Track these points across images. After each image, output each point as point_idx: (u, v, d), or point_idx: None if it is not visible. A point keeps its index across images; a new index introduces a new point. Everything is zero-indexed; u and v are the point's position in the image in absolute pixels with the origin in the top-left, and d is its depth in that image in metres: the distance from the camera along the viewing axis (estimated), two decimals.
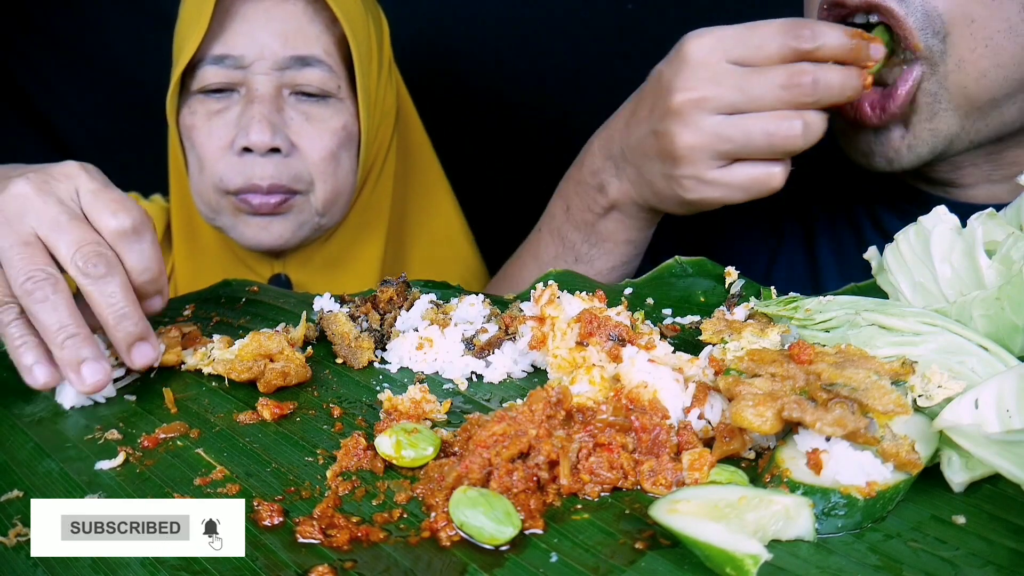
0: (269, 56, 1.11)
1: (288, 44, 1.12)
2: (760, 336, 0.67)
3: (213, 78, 1.12)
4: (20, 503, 0.58)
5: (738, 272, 0.86)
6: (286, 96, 1.14)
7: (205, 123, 1.14)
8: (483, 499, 0.53)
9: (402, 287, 0.83)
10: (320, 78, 1.13)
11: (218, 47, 1.11)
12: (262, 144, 1.10)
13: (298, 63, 1.12)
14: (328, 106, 1.15)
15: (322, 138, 1.14)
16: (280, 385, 0.71)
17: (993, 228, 0.67)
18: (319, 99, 1.15)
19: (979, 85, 0.85)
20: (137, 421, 0.67)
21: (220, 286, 0.96)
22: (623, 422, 0.59)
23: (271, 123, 1.10)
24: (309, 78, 1.13)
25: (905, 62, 0.86)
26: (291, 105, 1.14)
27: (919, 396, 0.59)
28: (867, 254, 0.76)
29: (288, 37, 1.12)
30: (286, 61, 1.12)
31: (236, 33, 1.11)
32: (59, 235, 0.69)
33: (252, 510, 0.56)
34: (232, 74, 1.12)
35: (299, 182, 1.14)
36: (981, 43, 0.83)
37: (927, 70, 0.85)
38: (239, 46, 1.11)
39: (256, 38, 1.11)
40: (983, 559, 0.49)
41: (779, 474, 0.54)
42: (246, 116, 1.11)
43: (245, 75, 1.12)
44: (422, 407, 0.65)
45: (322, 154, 1.14)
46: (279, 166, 1.12)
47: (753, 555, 0.46)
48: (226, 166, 1.12)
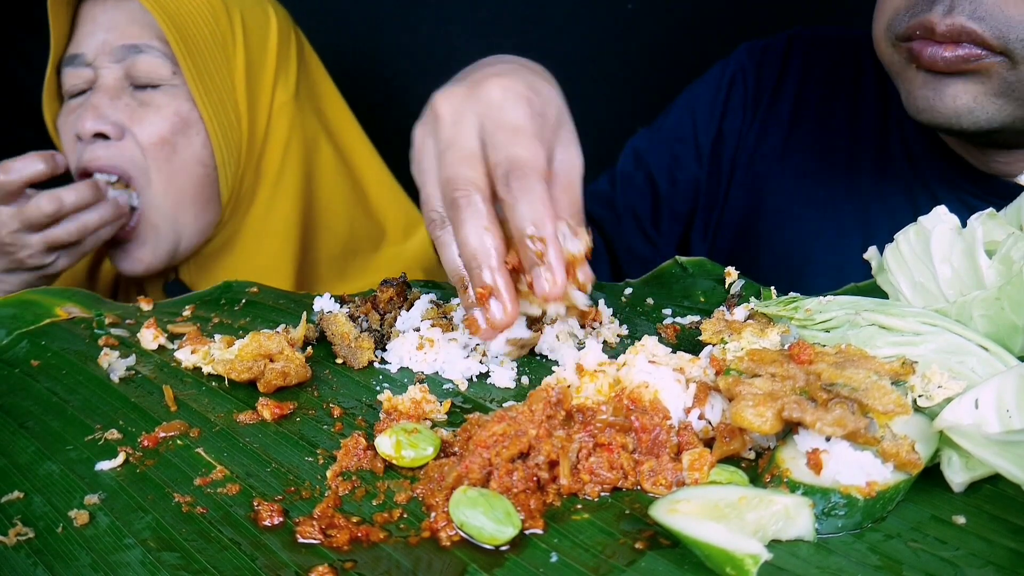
0: (107, 49, 1.16)
1: (121, 35, 1.16)
2: (760, 336, 0.67)
3: (71, 80, 1.19)
4: (20, 503, 0.58)
5: (738, 272, 0.86)
6: (127, 87, 1.17)
7: (65, 123, 1.20)
8: (483, 499, 0.53)
9: (402, 287, 0.83)
10: (150, 63, 1.16)
11: (71, 48, 1.19)
12: (85, 131, 1.14)
13: (132, 52, 1.16)
14: (164, 92, 1.18)
15: (152, 123, 1.16)
16: (280, 385, 0.71)
17: (993, 228, 0.67)
18: (156, 87, 1.18)
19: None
20: (137, 420, 0.67)
21: (220, 288, 0.96)
22: (623, 422, 0.59)
23: (96, 109, 1.14)
24: (141, 65, 1.16)
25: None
26: (129, 94, 1.17)
27: (919, 396, 0.59)
28: (867, 254, 0.76)
29: (121, 29, 1.16)
30: (121, 51, 1.16)
31: (82, 33, 1.18)
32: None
33: (252, 510, 0.56)
34: (84, 73, 1.17)
35: (133, 167, 1.16)
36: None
37: (1005, 62, 0.88)
38: (84, 44, 1.17)
39: (95, 34, 1.17)
40: (983, 559, 0.49)
41: (779, 474, 0.54)
42: (80, 108, 1.17)
43: (95, 72, 1.17)
44: (422, 407, 0.65)
45: (152, 139, 1.16)
46: (109, 151, 1.15)
47: (753, 555, 0.46)
48: (75, 157, 1.17)
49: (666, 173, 1.23)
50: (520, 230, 0.66)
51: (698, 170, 1.24)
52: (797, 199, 1.16)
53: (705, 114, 1.24)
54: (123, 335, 0.82)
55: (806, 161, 1.17)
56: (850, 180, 1.13)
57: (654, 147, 1.25)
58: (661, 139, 1.25)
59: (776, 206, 1.18)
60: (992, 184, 1.02)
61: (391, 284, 0.83)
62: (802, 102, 1.20)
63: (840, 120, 1.17)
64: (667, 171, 1.23)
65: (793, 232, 1.16)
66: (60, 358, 0.78)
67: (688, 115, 1.25)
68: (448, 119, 0.71)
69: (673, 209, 1.24)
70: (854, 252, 1.11)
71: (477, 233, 0.66)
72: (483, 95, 0.71)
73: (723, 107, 1.23)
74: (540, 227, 0.65)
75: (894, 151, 1.11)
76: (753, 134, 1.21)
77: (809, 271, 1.13)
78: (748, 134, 1.21)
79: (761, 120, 1.21)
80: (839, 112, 1.18)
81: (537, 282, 0.65)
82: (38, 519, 0.56)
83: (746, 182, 1.21)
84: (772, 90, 1.22)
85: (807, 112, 1.19)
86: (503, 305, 0.66)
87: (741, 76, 1.23)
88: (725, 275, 0.87)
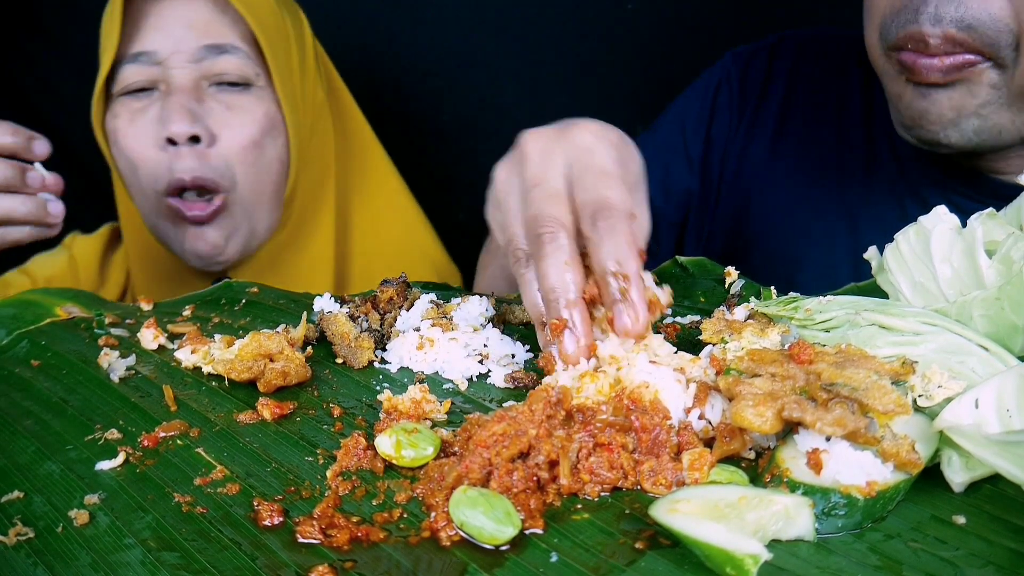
0: (184, 48, 1.12)
1: (201, 34, 1.13)
2: (760, 336, 0.67)
3: (132, 77, 1.14)
4: (20, 503, 0.58)
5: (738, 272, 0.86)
6: (206, 87, 1.15)
7: (128, 124, 1.15)
8: (483, 499, 0.53)
9: (402, 287, 0.83)
10: (237, 65, 1.14)
11: (134, 46, 1.13)
12: (181, 133, 1.11)
13: (213, 52, 1.13)
14: (249, 94, 1.16)
15: (244, 126, 1.15)
16: (280, 385, 0.71)
17: (993, 228, 0.67)
18: (240, 88, 1.15)
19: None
20: (137, 420, 0.67)
21: (220, 288, 0.96)
22: (623, 422, 0.59)
23: (190, 111, 1.11)
24: (225, 66, 1.14)
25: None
26: (211, 96, 1.15)
27: (919, 396, 0.59)
28: (867, 254, 0.76)
29: (200, 28, 1.13)
30: (201, 52, 1.13)
31: (150, 30, 1.13)
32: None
33: (252, 510, 0.56)
34: (150, 71, 1.13)
35: (222, 177, 1.14)
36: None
37: (994, 67, 0.88)
38: (153, 42, 1.13)
39: (169, 32, 1.13)
40: (983, 559, 0.49)
41: (779, 474, 0.54)
42: (166, 109, 1.12)
43: (163, 71, 1.13)
44: (422, 407, 0.65)
45: (243, 143, 1.15)
46: (201, 159, 1.12)
47: (753, 555, 0.46)
48: (155, 164, 1.13)
49: (660, 187, 1.23)
50: (603, 266, 0.65)
51: (690, 179, 1.24)
52: (785, 202, 1.16)
53: (693, 123, 1.24)
54: (123, 335, 0.82)
55: (794, 164, 1.17)
56: (838, 182, 1.13)
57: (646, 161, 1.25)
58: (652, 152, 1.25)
59: (765, 210, 1.18)
60: (981, 184, 1.02)
61: (391, 284, 0.83)
62: (789, 105, 1.20)
63: (827, 122, 1.17)
64: (660, 185, 1.23)
65: (782, 236, 1.16)
66: (60, 358, 0.78)
67: (677, 125, 1.25)
68: (536, 158, 0.72)
69: (668, 221, 1.25)
70: (843, 255, 1.11)
71: (558, 268, 0.66)
72: (573, 137, 0.72)
73: (710, 115, 1.23)
74: (624, 264, 0.65)
75: (881, 153, 1.11)
76: (740, 139, 1.21)
77: (798, 274, 1.13)
78: (736, 139, 1.22)
79: (748, 125, 1.21)
80: (826, 114, 1.17)
81: (619, 318, 0.65)
82: (38, 519, 0.56)
83: (735, 187, 1.21)
84: (758, 95, 1.22)
85: (794, 115, 1.19)
86: (576, 338, 0.65)
87: (727, 83, 1.23)
88: (725, 275, 0.87)
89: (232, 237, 1.18)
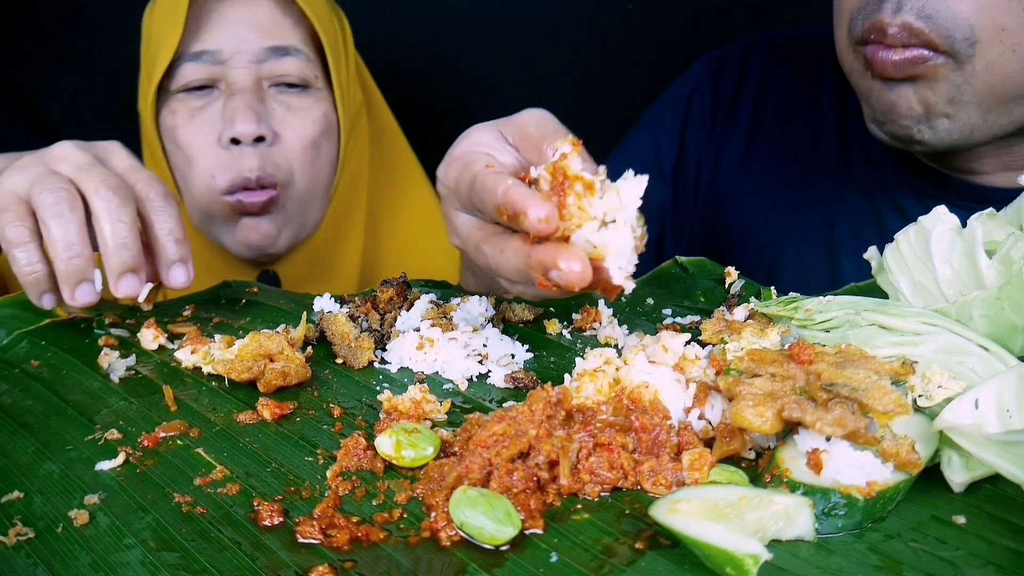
0: (247, 49, 1.13)
1: (264, 36, 1.14)
2: (760, 336, 0.67)
3: (193, 75, 1.14)
4: (20, 503, 0.58)
5: (738, 272, 0.86)
6: (266, 88, 1.16)
7: (188, 121, 1.15)
8: (483, 499, 0.53)
9: (402, 287, 0.83)
10: (299, 67, 1.16)
11: (195, 44, 1.13)
12: (248, 133, 1.11)
13: (276, 54, 1.14)
14: (308, 95, 1.17)
15: (304, 126, 1.16)
16: (280, 385, 0.71)
17: (993, 228, 0.67)
18: (299, 89, 1.17)
19: (1005, 86, 0.88)
20: (137, 420, 0.67)
21: (220, 287, 0.96)
22: (623, 422, 0.59)
23: (255, 112, 1.12)
24: (288, 68, 1.15)
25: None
26: (272, 96, 1.16)
27: (919, 396, 0.59)
28: (867, 254, 0.76)
29: (263, 29, 1.14)
30: (263, 53, 1.14)
31: (212, 29, 1.14)
32: (88, 173, 0.76)
33: (252, 510, 0.56)
34: (211, 70, 1.14)
35: (282, 172, 1.15)
36: (1009, 48, 0.87)
37: (951, 63, 0.88)
38: (216, 41, 1.13)
39: (233, 33, 1.13)
40: (983, 559, 0.49)
41: (779, 474, 0.54)
42: (229, 108, 1.13)
43: (224, 70, 1.14)
44: (422, 407, 0.65)
45: (304, 143, 1.16)
46: (264, 157, 1.13)
47: (753, 555, 0.46)
48: (215, 162, 1.14)
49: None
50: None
51: (663, 192, 1.24)
52: (761, 207, 1.15)
53: (667, 134, 1.24)
54: (123, 335, 0.82)
55: (768, 169, 1.16)
56: (812, 187, 1.12)
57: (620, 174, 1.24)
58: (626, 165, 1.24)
59: (741, 215, 1.17)
60: (953, 186, 1.01)
61: (391, 284, 0.83)
62: (761, 110, 1.19)
63: (800, 125, 1.16)
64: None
65: (758, 241, 1.15)
66: (60, 358, 0.78)
67: (650, 137, 1.25)
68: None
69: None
70: (819, 260, 1.10)
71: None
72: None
73: (683, 125, 1.23)
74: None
75: (854, 155, 1.10)
76: (714, 147, 1.20)
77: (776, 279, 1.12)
78: (709, 148, 1.21)
79: (721, 132, 1.20)
80: (799, 117, 1.17)
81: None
82: (38, 519, 0.56)
83: (711, 194, 1.20)
84: (730, 101, 1.21)
85: (767, 120, 1.18)
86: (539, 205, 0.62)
87: (699, 91, 1.23)
88: (725, 275, 0.87)
89: (284, 230, 1.20)
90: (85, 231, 0.76)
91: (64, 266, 0.74)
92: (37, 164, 0.78)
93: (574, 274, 0.60)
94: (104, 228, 0.75)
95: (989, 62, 0.87)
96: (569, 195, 0.61)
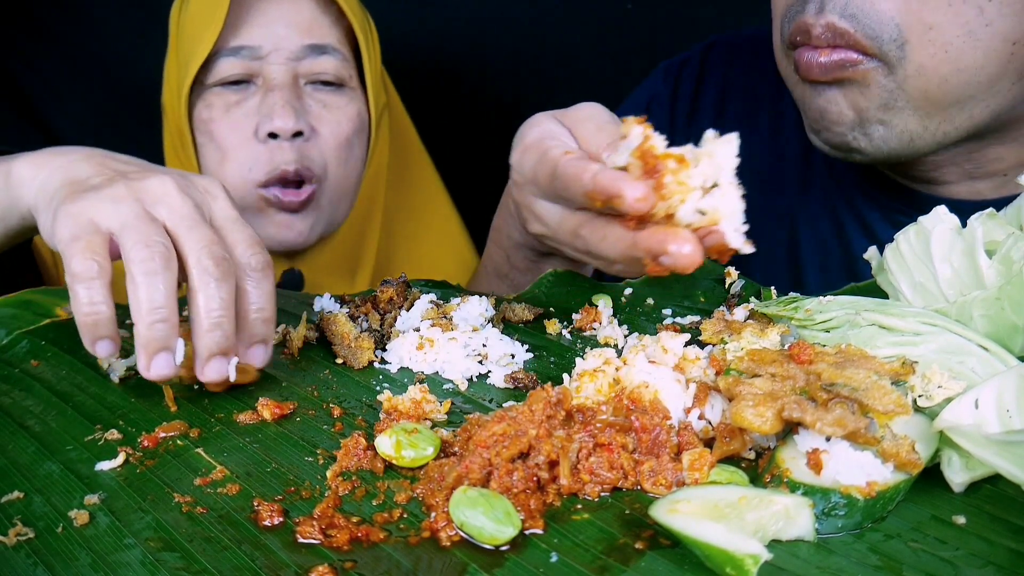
0: (285, 46, 1.15)
1: (303, 34, 1.15)
2: (760, 336, 0.67)
3: (231, 69, 1.15)
4: (20, 503, 0.58)
5: (738, 272, 0.86)
6: (302, 85, 1.17)
7: (224, 115, 1.16)
8: (483, 499, 0.53)
9: (402, 287, 0.83)
10: (335, 66, 1.17)
11: (235, 40, 1.15)
12: (287, 128, 1.13)
13: (314, 52, 1.16)
14: (343, 94, 1.19)
15: (340, 124, 1.18)
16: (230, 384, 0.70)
17: (993, 228, 0.67)
18: (334, 87, 1.19)
19: (941, 90, 0.84)
20: (137, 420, 0.67)
21: None
22: (623, 422, 0.59)
23: (294, 108, 1.14)
24: (325, 66, 1.17)
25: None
26: (308, 94, 1.17)
27: (919, 396, 0.59)
28: (867, 254, 0.76)
29: (303, 28, 1.16)
30: (302, 51, 1.15)
31: (252, 25, 1.15)
32: (190, 231, 0.67)
33: (252, 510, 0.56)
34: (249, 65, 1.15)
35: (318, 168, 1.17)
36: (941, 49, 0.82)
37: (882, 67, 0.84)
38: (256, 37, 1.15)
39: (272, 29, 1.15)
40: (983, 559, 0.49)
41: (779, 474, 0.54)
42: (267, 103, 1.14)
43: (261, 65, 1.15)
44: (422, 407, 0.65)
45: (339, 140, 1.18)
46: (301, 151, 1.15)
47: (753, 555, 0.46)
48: (251, 155, 1.15)
49: None
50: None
51: None
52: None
53: None
54: (123, 335, 0.82)
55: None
56: (775, 198, 1.09)
57: None
58: None
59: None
60: (915, 197, 0.97)
61: (391, 284, 0.83)
62: (723, 114, 1.15)
63: (762, 132, 1.12)
64: None
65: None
66: (60, 358, 0.78)
67: None
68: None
69: None
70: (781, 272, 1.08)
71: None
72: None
73: None
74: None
75: (816, 164, 1.07)
76: None
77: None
78: None
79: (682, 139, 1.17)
80: (761, 123, 1.13)
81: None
82: (38, 519, 0.56)
83: None
84: (690, 107, 1.18)
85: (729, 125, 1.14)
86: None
87: (657, 100, 1.20)
88: (725, 275, 0.87)
89: (316, 226, 1.21)
90: (175, 293, 0.67)
91: (147, 331, 0.65)
92: (130, 198, 0.68)
93: (685, 256, 0.61)
94: (199, 303, 0.66)
95: (920, 65, 0.82)
96: (665, 175, 0.62)
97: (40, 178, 0.75)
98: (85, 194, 0.68)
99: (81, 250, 0.65)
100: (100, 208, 0.67)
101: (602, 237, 0.67)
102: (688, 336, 0.68)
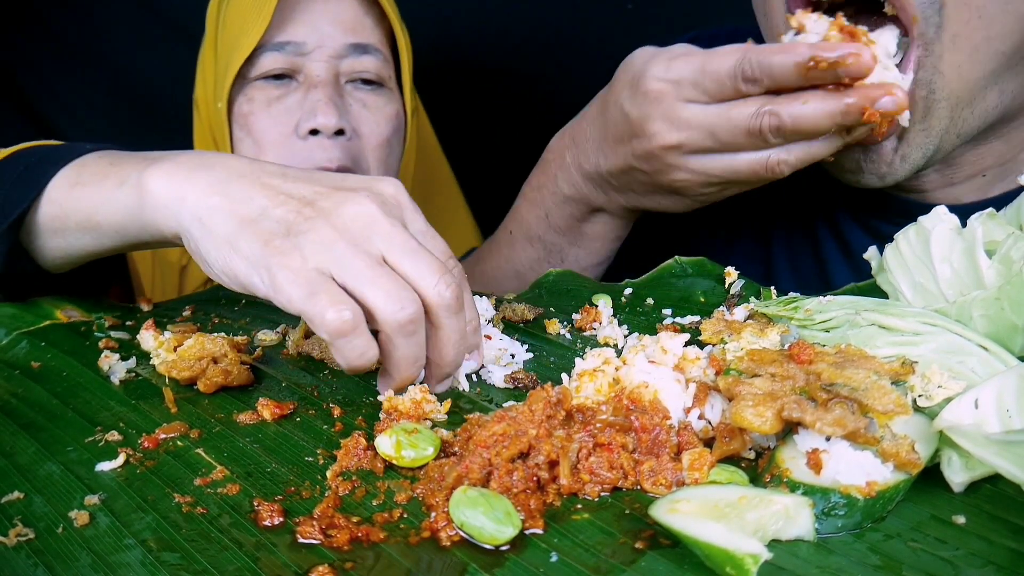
0: (329, 44, 1.16)
1: (347, 33, 1.17)
2: (760, 336, 0.67)
3: (273, 64, 1.16)
4: (20, 504, 0.58)
5: (738, 272, 0.86)
6: (343, 83, 1.18)
7: (265, 109, 1.16)
8: (483, 499, 0.53)
9: None
10: (377, 65, 1.19)
11: (279, 35, 1.16)
12: (330, 126, 1.13)
13: (356, 51, 1.17)
14: (382, 94, 1.20)
15: (379, 124, 1.19)
16: (222, 384, 0.71)
17: (993, 228, 0.67)
18: (375, 87, 1.20)
19: (972, 61, 0.80)
20: (138, 421, 0.67)
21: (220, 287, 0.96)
22: (623, 422, 0.59)
23: (336, 106, 1.14)
24: (367, 65, 1.18)
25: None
26: (348, 92, 1.18)
27: (919, 396, 0.59)
28: (867, 254, 0.76)
29: (347, 26, 1.17)
30: (345, 49, 1.16)
31: (297, 22, 1.16)
32: (415, 262, 0.65)
33: (252, 510, 0.56)
34: (293, 60, 1.16)
35: (358, 167, 1.17)
36: (975, 14, 0.79)
37: (923, 52, 0.80)
38: (300, 34, 1.16)
39: (317, 27, 1.16)
40: (983, 559, 0.49)
41: (779, 474, 0.54)
42: (310, 100, 1.14)
43: (304, 62, 1.16)
44: (422, 407, 0.65)
45: (379, 140, 1.19)
46: (343, 149, 1.15)
47: (753, 555, 0.46)
48: (290, 151, 1.15)
49: None
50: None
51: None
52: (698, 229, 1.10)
53: None
54: (123, 337, 0.83)
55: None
56: (751, 208, 1.06)
57: None
58: None
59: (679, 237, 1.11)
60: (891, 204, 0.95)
61: None
62: None
63: None
64: None
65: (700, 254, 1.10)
66: (60, 360, 0.78)
67: None
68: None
69: None
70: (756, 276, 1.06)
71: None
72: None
73: None
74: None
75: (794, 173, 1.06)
76: None
77: None
78: None
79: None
80: None
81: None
82: (38, 519, 0.56)
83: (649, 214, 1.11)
84: None
85: None
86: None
87: None
88: (725, 275, 0.87)
89: None
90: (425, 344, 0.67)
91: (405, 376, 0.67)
92: (342, 241, 0.64)
93: (903, 96, 0.75)
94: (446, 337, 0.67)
95: (955, 34, 0.79)
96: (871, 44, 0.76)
97: (189, 205, 0.68)
98: (286, 241, 0.64)
99: (326, 306, 0.62)
100: (315, 257, 0.63)
101: (804, 102, 0.76)
102: (688, 336, 0.68)
